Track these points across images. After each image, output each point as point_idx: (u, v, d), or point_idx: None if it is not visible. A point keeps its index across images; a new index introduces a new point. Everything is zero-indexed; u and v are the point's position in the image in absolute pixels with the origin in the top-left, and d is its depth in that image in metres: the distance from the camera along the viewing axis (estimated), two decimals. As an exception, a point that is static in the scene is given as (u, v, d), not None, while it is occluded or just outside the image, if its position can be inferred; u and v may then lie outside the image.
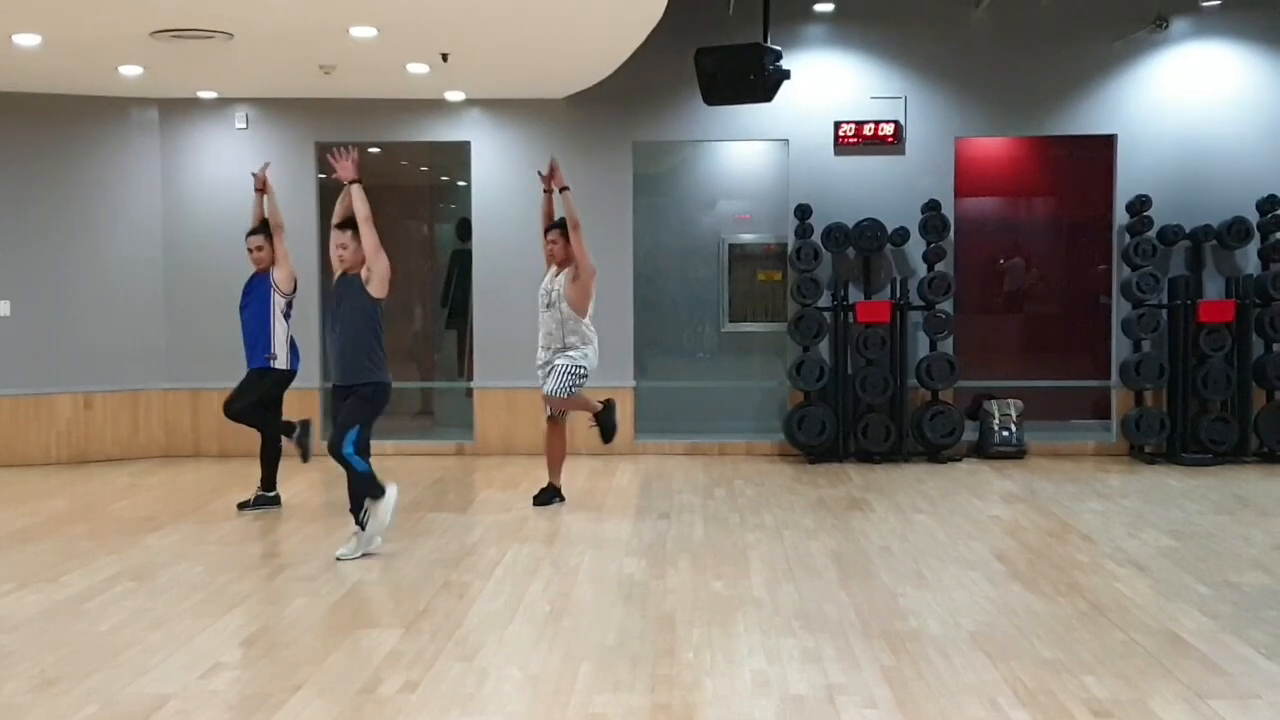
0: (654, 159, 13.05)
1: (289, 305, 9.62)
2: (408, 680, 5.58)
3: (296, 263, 12.28)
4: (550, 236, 9.66)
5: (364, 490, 7.94)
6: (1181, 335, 11.81)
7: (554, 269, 9.66)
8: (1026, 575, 7.47)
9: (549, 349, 9.56)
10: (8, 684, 5.57)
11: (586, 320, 9.56)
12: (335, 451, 7.91)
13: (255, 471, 9.83)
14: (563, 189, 9.59)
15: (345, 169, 8.05)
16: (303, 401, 12.43)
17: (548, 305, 9.59)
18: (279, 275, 9.51)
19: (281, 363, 9.60)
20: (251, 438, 12.39)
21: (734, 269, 13.03)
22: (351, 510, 8.03)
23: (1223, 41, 12.14)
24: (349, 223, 8.03)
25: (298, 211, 12.41)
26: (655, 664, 5.80)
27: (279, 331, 9.57)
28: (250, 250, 9.73)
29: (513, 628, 6.45)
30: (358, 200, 7.97)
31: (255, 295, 9.64)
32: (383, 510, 7.96)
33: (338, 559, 7.83)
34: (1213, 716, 5.06)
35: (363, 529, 7.95)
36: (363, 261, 7.97)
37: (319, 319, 12.46)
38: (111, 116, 12.22)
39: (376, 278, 7.99)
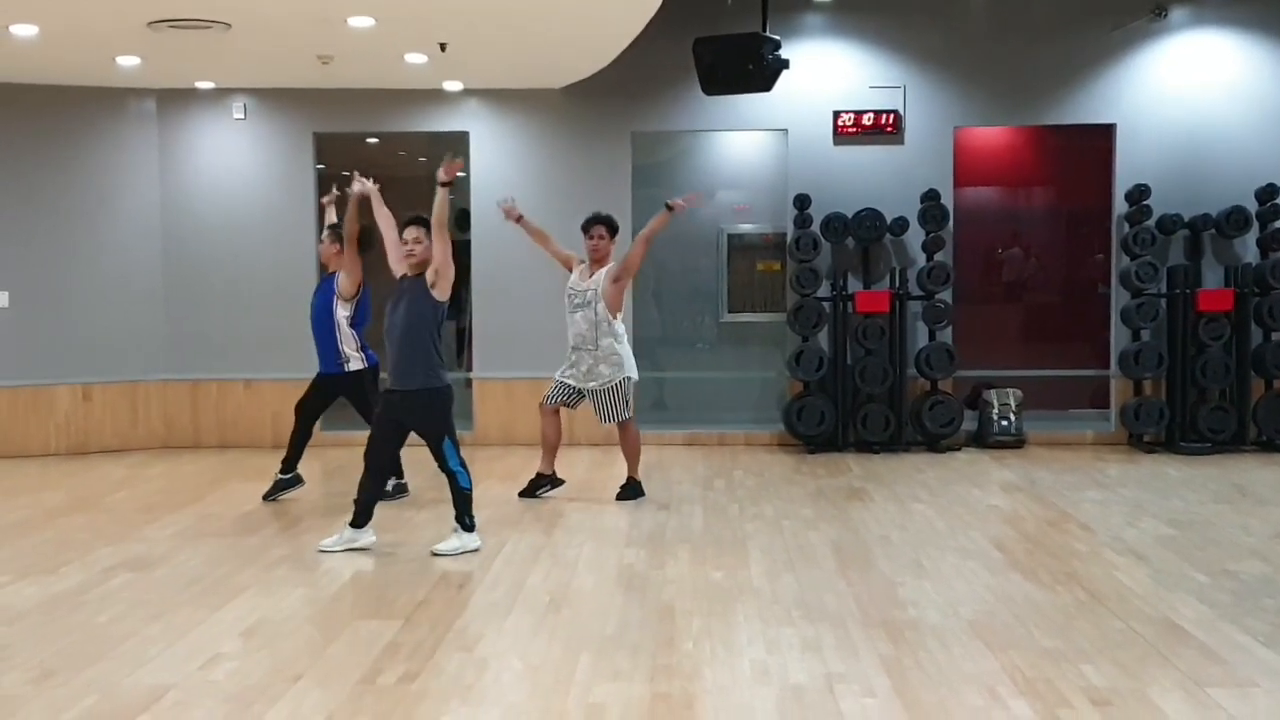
0: (653, 149, 13.02)
1: (351, 309, 9.40)
2: (407, 671, 5.58)
3: (294, 254, 12.37)
4: (598, 232, 9.46)
5: (465, 508, 7.87)
6: (1180, 324, 11.80)
7: (585, 267, 9.46)
8: (1025, 564, 7.48)
9: (582, 349, 9.40)
10: (7, 675, 5.58)
11: (619, 318, 9.45)
12: (444, 467, 7.87)
13: (254, 462, 9.84)
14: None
15: (449, 169, 7.77)
16: (301, 392, 12.45)
17: (581, 305, 9.36)
18: (343, 280, 9.37)
19: (355, 363, 9.49)
20: (251, 430, 12.46)
21: (733, 259, 13.01)
22: (456, 514, 7.93)
23: (1221, 31, 12.12)
24: (422, 219, 7.81)
25: (296, 202, 12.44)
26: (655, 654, 5.81)
27: (344, 334, 9.42)
28: (323, 245, 9.65)
29: (512, 618, 6.46)
30: (442, 204, 7.75)
31: (321, 296, 9.54)
32: (469, 541, 7.88)
33: (433, 554, 7.73)
34: (1211, 704, 5.07)
35: (463, 528, 7.87)
36: (428, 261, 7.75)
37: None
38: (109, 107, 12.19)
39: (445, 281, 7.79)
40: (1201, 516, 8.85)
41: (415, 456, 8.91)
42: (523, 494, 9.75)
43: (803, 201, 12.05)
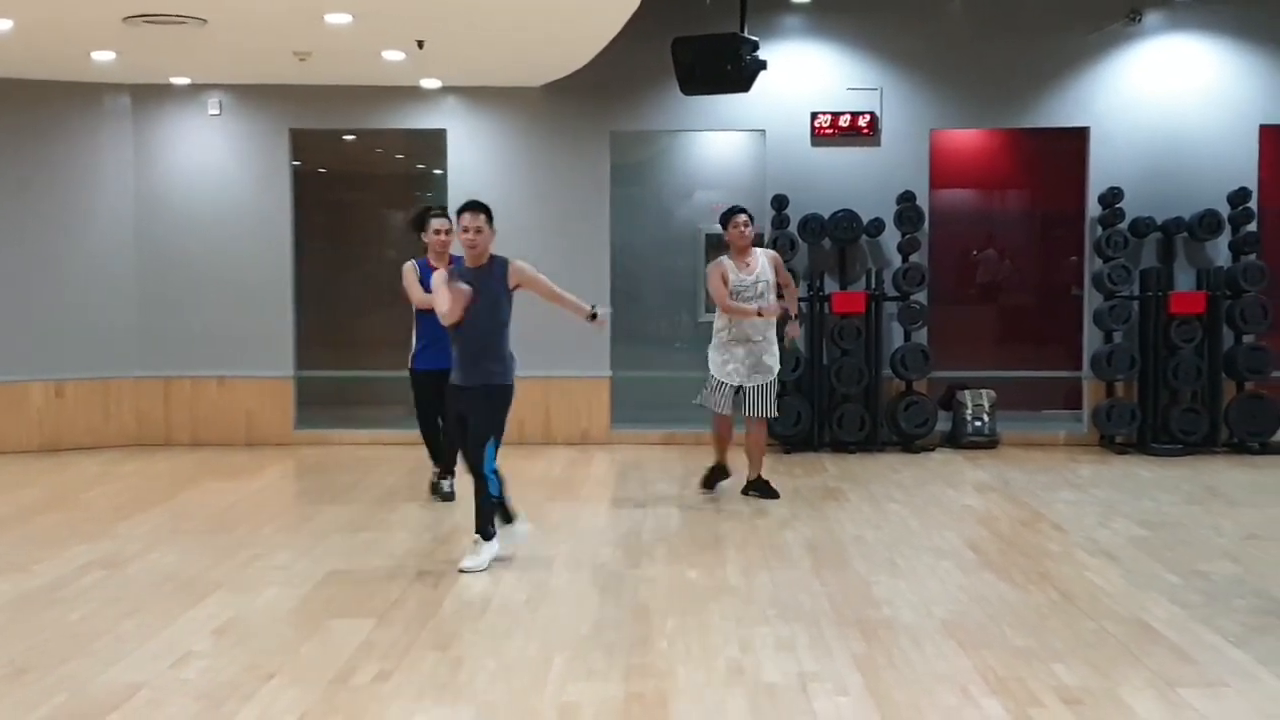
0: (631, 149, 13.03)
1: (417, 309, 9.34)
2: (381, 670, 5.58)
3: (269, 251, 12.34)
4: (743, 220, 9.33)
5: (492, 512, 7.50)
6: (1152, 327, 11.87)
7: (736, 260, 9.33)
8: (998, 564, 7.51)
9: (756, 341, 9.24)
10: (-21, 672, 5.56)
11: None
12: (476, 469, 7.42)
13: (227, 460, 9.82)
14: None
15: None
16: (276, 390, 12.43)
17: (754, 298, 9.21)
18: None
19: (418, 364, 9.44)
20: (225, 428, 12.42)
21: (711, 259, 12.98)
22: (478, 527, 7.51)
23: (1195, 35, 12.19)
24: (478, 204, 7.47)
25: (271, 199, 12.40)
26: (630, 653, 5.82)
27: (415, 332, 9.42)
28: (439, 235, 9.40)
29: (488, 617, 6.46)
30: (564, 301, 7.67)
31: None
32: (517, 535, 7.70)
33: (461, 571, 7.29)
34: (1181, 704, 5.10)
35: (484, 538, 7.42)
36: (487, 252, 7.42)
37: (293, 306, 12.46)
38: (84, 102, 12.13)
39: (528, 288, 7.53)
40: (1173, 517, 8.90)
41: (394, 448, 8.89)
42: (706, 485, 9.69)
43: (780, 202, 12.07)
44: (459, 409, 7.49)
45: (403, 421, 13.08)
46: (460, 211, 7.47)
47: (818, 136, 12.24)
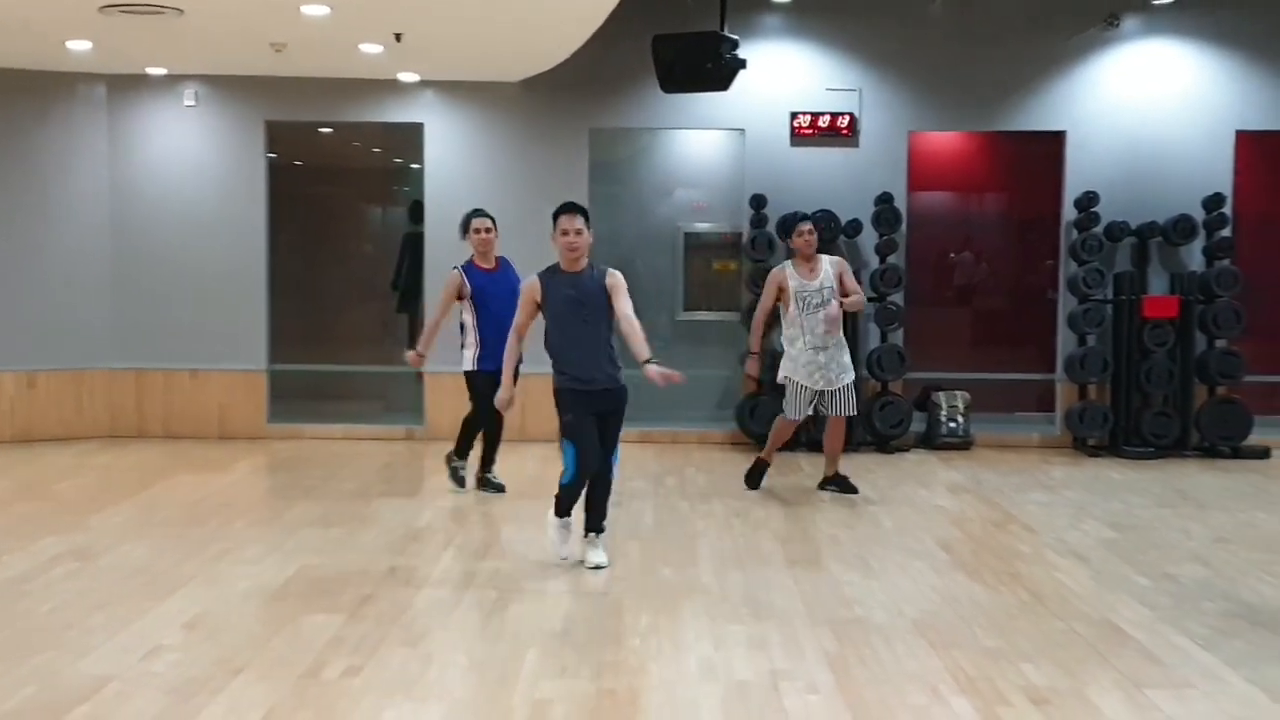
0: (611, 146, 13.02)
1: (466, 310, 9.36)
2: (351, 665, 5.56)
3: (244, 243, 12.30)
4: (807, 228, 9.53)
5: (561, 502, 7.45)
6: (1126, 330, 11.92)
7: (800, 267, 9.47)
8: (970, 564, 7.54)
9: (827, 348, 9.37)
10: (-54, 664, 5.52)
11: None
12: (609, 475, 7.46)
13: (199, 453, 9.76)
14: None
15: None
16: (249, 383, 12.38)
17: (821, 304, 9.36)
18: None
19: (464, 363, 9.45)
20: (197, 421, 12.37)
21: (690, 258, 13.02)
22: (593, 526, 7.53)
23: (1172, 40, 12.25)
24: (577, 206, 7.40)
25: (246, 191, 12.35)
26: (602, 650, 5.82)
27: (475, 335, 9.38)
28: (483, 234, 9.46)
29: (459, 613, 6.45)
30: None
31: (507, 285, 9.14)
32: (552, 529, 7.54)
33: (597, 567, 7.32)
34: (1148, 706, 5.13)
35: (597, 534, 7.48)
36: (587, 253, 7.35)
37: (266, 298, 12.41)
38: (59, 92, 12.06)
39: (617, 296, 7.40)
40: (1143, 520, 8.95)
41: (365, 443, 8.86)
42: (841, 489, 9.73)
43: (759, 201, 12.09)
44: (590, 410, 7.32)
45: (376, 416, 13.11)
46: (558, 214, 7.34)
47: (797, 136, 12.26)
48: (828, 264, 9.52)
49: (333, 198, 14.82)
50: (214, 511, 8.98)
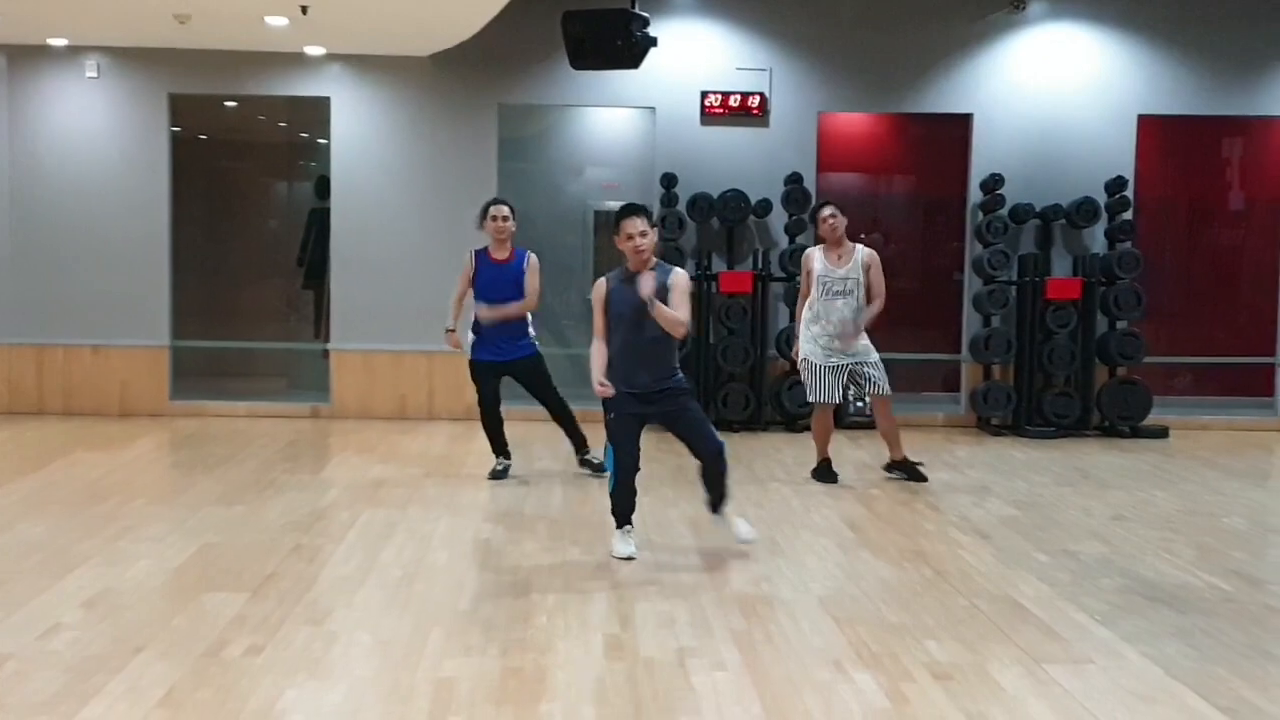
0: (521, 123, 12.94)
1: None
2: (253, 644, 5.49)
3: (147, 218, 12.09)
4: (831, 213, 9.30)
5: (615, 508, 7.28)
6: (1029, 312, 12.10)
7: (828, 252, 9.31)
8: (876, 543, 7.61)
9: (846, 336, 9.22)
10: None
11: None
12: (723, 452, 7.25)
13: (100, 430, 9.59)
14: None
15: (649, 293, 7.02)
16: (151, 359, 12.19)
17: (843, 292, 9.20)
18: (535, 261, 9.24)
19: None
20: (98, 398, 12.16)
21: (600, 237, 13.00)
22: (718, 501, 7.42)
23: (1077, 24, 12.42)
24: (638, 207, 7.25)
25: (149, 165, 12.13)
26: (508, 629, 5.79)
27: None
28: (501, 221, 9.23)
29: (363, 592, 6.39)
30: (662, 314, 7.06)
31: (505, 273, 9.21)
32: (616, 541, 7.28)
33: (747, 541, 7.30)
34: (1048, 681, 5.21)
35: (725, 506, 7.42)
36: (653, 254, 7.17)
37: (170, 274, 12.20)
38: (-46, 61, 11.78)
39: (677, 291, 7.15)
40: (1044, 498, 9.09)
41: (270, 420, 8.76)
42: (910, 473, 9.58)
43: (669, 180, 12.09)
44: (639, 412, 7.19)
45: (281, 394, 12.96)
46: (619, 219, 7.18)
47: (707, 115, 12.26)
48: (860, 254, 9.32)
49: (238, 172, 14.61)
50: (114, 489, 8.82)
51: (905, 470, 9.56)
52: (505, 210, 9.25)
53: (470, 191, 12.08)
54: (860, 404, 12.12)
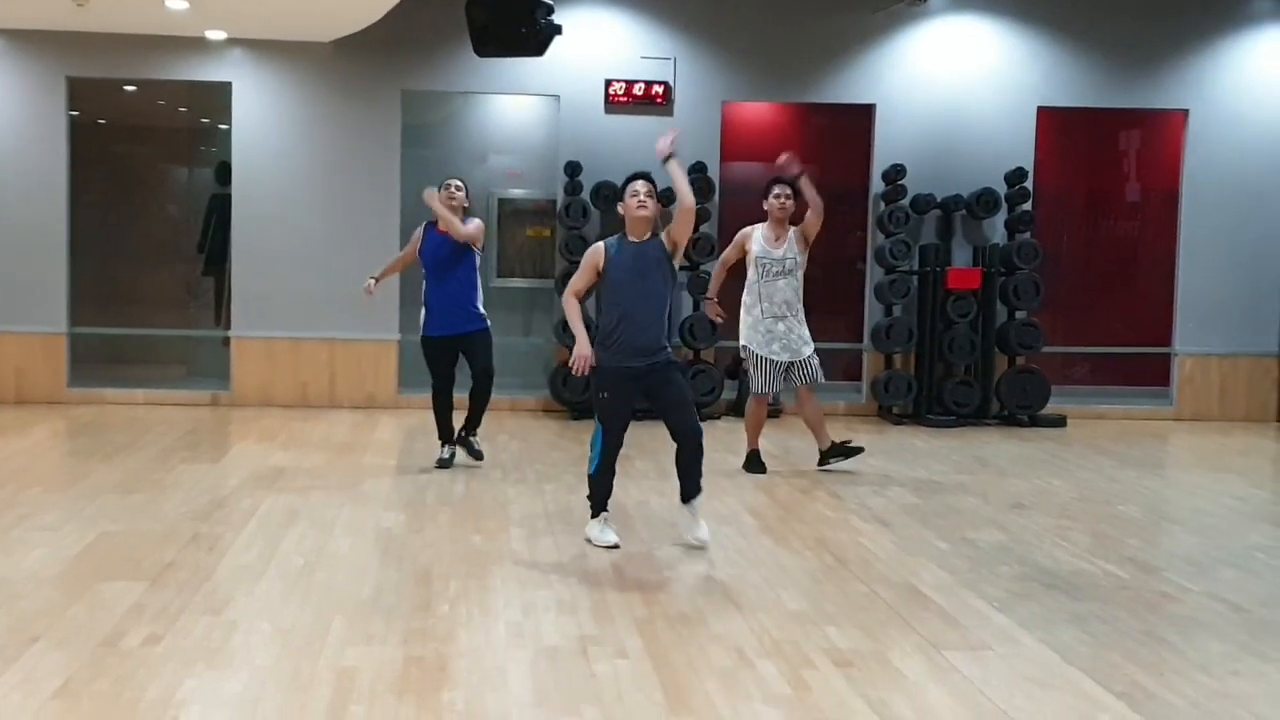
0: (424, 109, 12.86)
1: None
2: (151, 633, 5.42)
3: (43, 202, 11.86)
4: (781, 190, 9.20)
5: (593, 495, 7.29)
6: (930, 301, 12.26)
7: (768, 232, 9.25)
8: (777, 530, 7.68)
9: (787, 318, 9.23)
10: None
11: None
12: (699, 435, 7.18)
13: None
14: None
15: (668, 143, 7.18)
16: (48, 346, 11.97)
17: (782, 273, 9.16)
18: (476, 229, 9.15)
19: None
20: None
21: (503, 224, 12.96)
22: (693, 490, 7.24)
23: (978, 17, 12.60)
24: (646, 175, 7.27)
25: (46, 149, 11.90)
26: (410, 617, 5.77)
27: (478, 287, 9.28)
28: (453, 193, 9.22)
29: (264, 581, 6.33)
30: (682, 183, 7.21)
31: (450, 248, 9.14)
32: (592, 531, 7.26)
33: (702, 542, 7.12)
34: (947, 667, 5.30)
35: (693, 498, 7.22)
36: (656, 222, 7.19)
37: (67, 259, 11.98)
38: None
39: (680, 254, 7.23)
40: (944, 486, 9.22)
41: (169, 408, 8.63)
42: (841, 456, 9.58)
43: (573, 169, 12.08)
44: (634, 389, 7.15)
45: (180, 381, 12.77)
46: (628, 182, 7.23)
47: (612, 104, 12.28)
48: (793, 233, 9.33)
49: (137, 157, 14.35)
50: (9, 477, 8.65)
51: (839, 453, 9.59)
52: (456, 182, 9.26)
53: (373, 178, 12.02)
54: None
